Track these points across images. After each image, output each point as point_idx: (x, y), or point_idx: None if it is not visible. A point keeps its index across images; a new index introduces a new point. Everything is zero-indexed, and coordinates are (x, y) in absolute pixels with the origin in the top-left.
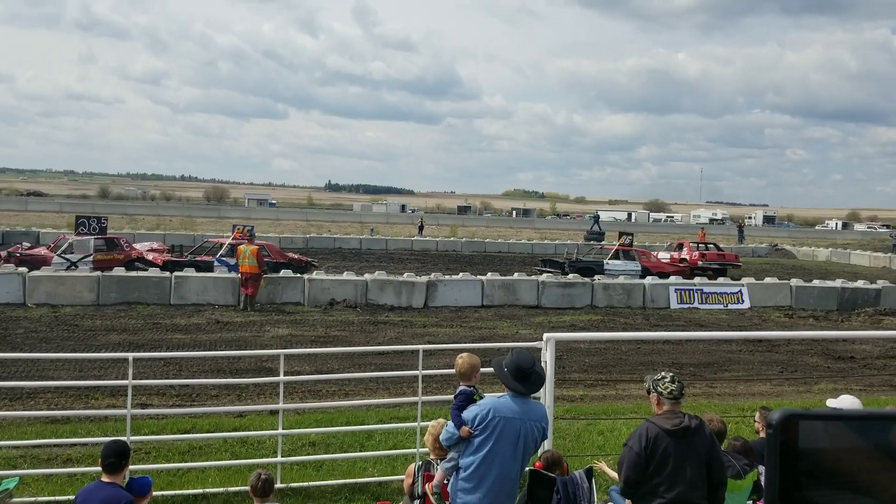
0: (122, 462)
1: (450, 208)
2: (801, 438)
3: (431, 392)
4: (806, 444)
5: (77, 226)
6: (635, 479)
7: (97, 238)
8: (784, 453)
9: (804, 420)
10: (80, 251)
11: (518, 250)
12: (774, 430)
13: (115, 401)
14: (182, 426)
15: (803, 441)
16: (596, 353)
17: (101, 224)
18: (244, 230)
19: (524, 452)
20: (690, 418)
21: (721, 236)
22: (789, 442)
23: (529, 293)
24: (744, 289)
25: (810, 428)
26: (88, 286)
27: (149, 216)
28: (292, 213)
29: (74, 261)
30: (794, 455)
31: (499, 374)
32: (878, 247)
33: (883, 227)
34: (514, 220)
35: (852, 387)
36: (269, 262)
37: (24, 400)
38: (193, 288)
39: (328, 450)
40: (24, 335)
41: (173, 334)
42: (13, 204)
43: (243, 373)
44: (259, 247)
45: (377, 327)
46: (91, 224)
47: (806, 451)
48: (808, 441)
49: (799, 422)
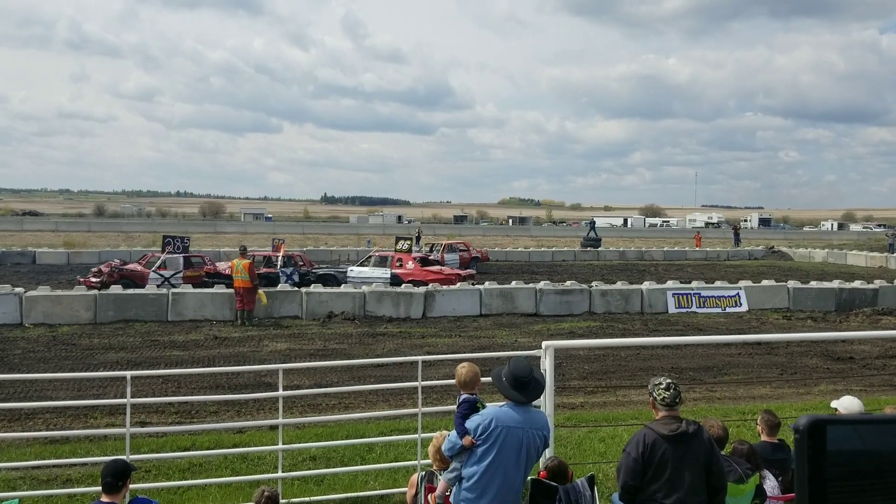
0: (120, 482)
1: (446, 218)
2: (829, 443)
3: (431, 403)
4: (834, 447)
5: (164, 245)
6: (633, 486)
7: (184, 255)
8: (812, 459)
9: (832, 425)
10: (172, 268)
11: (515, 259)
12: (802, 436)
13: (115, 419)
14: (182, 443)
15: (832, 445)
16: (595, 360)
17: (185, 243)
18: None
19: (527, 461)
20: (689, 424)
21: (717, 240)
22: (817, 447)
23: (527, 301)
24: (741, 292)
25: (838, 433)
26: (85, 305)
27: (145, 233)
28: (289, 227)
29: (167, 276)
30: (822, 460)
31: (497, 384)
32: (874, 247)
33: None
34: (511, 228)
35: (852, 387)
36: (304, 271)
37: (22, 421)
38: (191, 304)
39: (329, 464)
40: (21, 356)
41: (171, 351)
42: (9, 224)
43: (242, 388)
44: (251, 260)
45: (376, 339)
46: (176, 243)
47: (834, 454)
48: (836, 445)
49: (826, 427)
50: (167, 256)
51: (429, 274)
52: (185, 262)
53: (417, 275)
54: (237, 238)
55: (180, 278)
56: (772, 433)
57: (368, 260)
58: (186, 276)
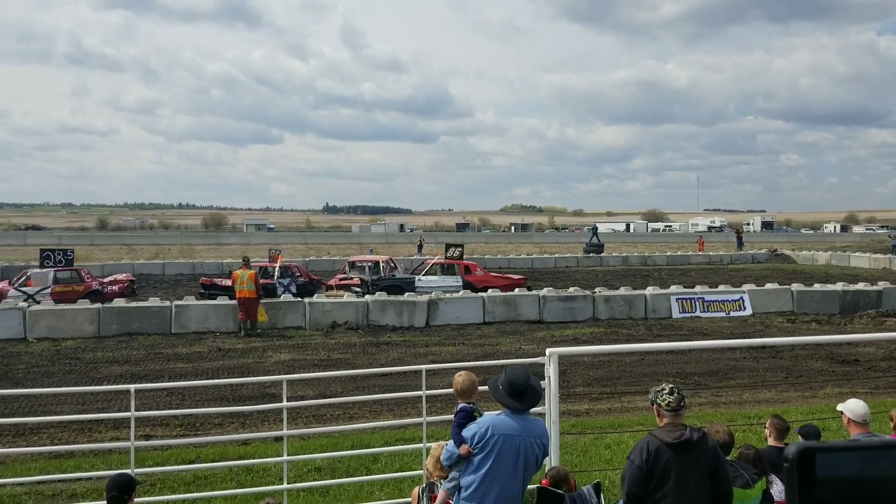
0: (125, 496)
1: (448, 226)
2: (819, 470)
3: (436, 412)
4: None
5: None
6: (638, 493)
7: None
8: (802, 486)
9: (822, 453)
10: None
11: (518, 265)
12: (791, 464)
13: (119, 433)
14: (186, 456)
15: (821, 472)
16: (600, 367)
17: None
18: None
19: (525, 469)
20: (693, 431)
21: (720, 244)
22: (807, 475)
23: (531, 308)
24: (745, 295)
25: (828, 460)
26: (89, 318)
27: (148, 245)
28: (291, 237)
29: (31, 293)
30: (812, 488)
31: (494, 393)
32: (877, 248)
33: (882, 229)
34: (513, 235)
35: (858, 390)
36: (301, 282)
37: (27, 436)
38: (194, 316)
39: (334, 475)
40: (25, 370)
41: (175, 363)
42: (12, 239)
43: (246, 400)
44: (256, 271)
45: (379, 348)
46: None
47: (824, 481)
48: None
49: (816, 454)
50: (33, 272)
51: (498, 279)
52: (54, 278)
53: (488, 281)
54: (240, 249)
55: (47, 294)
56: (780, 437)
57: (422, 267)
58: (56, 291)
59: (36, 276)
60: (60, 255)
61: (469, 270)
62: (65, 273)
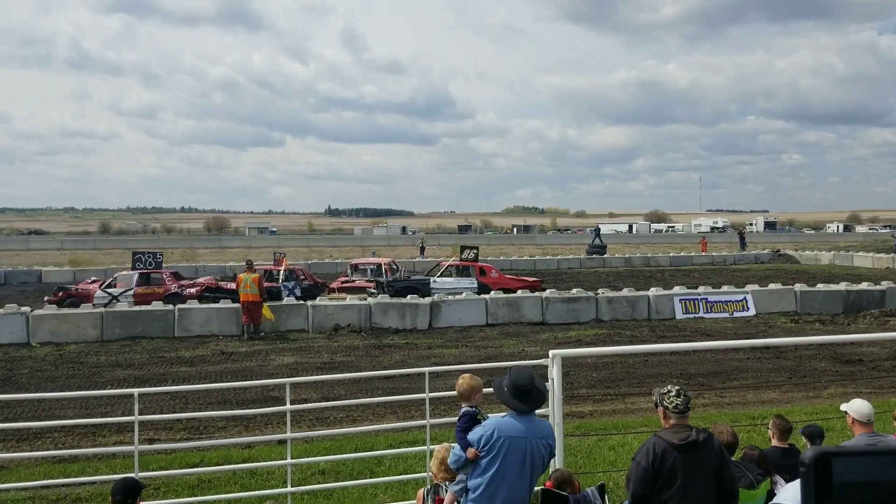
0: (130, 500)
1: (450, 228)
2: (835, 475)
3: (439, 414)
4: (840, 479)
5: (133, 261)
6: (643, 495)
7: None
8: (818, 492)
9: (837, 458)
10: (124, 285)
11: (521, 267)
12: (808, 469)
13: (123, 437)
14: (190, 460)
15: (838, 477)
16: (603, 368)
17: (157, 259)
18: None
19: (532, 471)
20: (698, 432)
21: (723, 244)
22: (823, 480)
23: (534, 310)
24: (748, 296)
25: (844, 465)
26: (92, 322)
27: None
28: (293, 240)
29: (115, 294)
30: (828, 492)
31: (498, 394)
32: (880, 248)
33: (884, 228)
34: (516, 237)
35: (862, 390)
36: (306, 285)
37: (31, 440)
38: (197, 319)
39: (338, 478)
40: (29, 375)
41: (178, 367)
42: (14, 243)
43: (250, 403)
44: (260, 274)
45: (382, 351)
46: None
47: (840, 486)
48: (842, 477)
49: (832, 459)
50: (120, 274)
51: (513, 282)
52: (139, 280)
53: (503, 283)
54: (242, 252)
55: (131, 296)
56: (783, 438)
57: (437, 269)
58: (138, 293)
59: (122, 277)
60: (150, 257)
61: (484, 272)
62: (149, 275)
